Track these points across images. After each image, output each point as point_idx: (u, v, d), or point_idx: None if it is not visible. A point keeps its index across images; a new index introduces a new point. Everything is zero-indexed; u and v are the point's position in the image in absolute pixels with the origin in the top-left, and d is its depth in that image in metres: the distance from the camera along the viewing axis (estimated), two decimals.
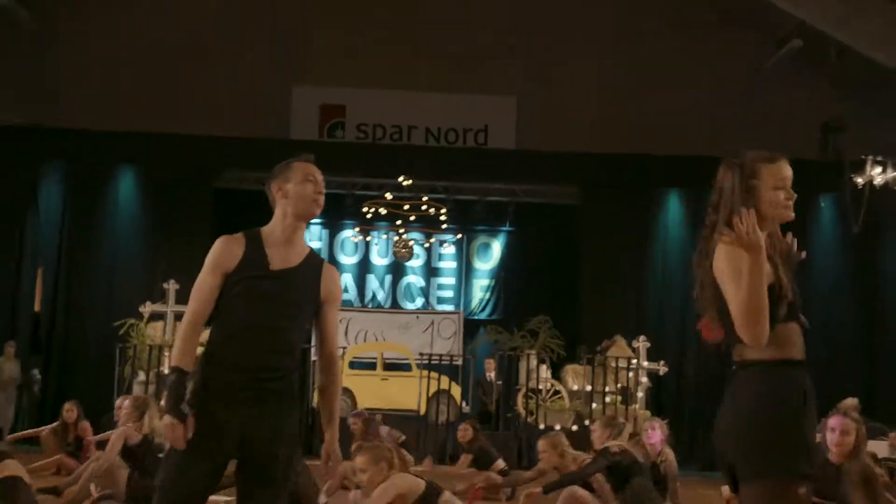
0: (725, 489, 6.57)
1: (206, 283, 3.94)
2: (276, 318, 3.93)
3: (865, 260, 16.47)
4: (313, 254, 4.18)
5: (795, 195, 3.57)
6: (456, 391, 15.89)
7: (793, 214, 3.58)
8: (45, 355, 16.41)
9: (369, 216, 18.26)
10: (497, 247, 19.94)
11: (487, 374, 16.35)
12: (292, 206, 4.08)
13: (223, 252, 3.99)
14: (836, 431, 5.81)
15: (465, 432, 11.41)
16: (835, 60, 15.88)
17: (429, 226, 18.74)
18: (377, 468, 6.43)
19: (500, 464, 10.92)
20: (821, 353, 13.60)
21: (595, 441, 8.30)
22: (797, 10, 16.11)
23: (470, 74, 18.14)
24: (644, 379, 15.71)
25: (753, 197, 3.52)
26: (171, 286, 15.25)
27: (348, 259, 19.56)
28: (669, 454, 9.29)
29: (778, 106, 17.67)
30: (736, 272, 3.37)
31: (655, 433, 9.17)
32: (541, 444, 8.77)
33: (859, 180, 14.69)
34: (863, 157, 14.69)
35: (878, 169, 14.20)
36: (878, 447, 11.69)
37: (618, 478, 7.63)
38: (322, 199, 4.17)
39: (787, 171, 3.63)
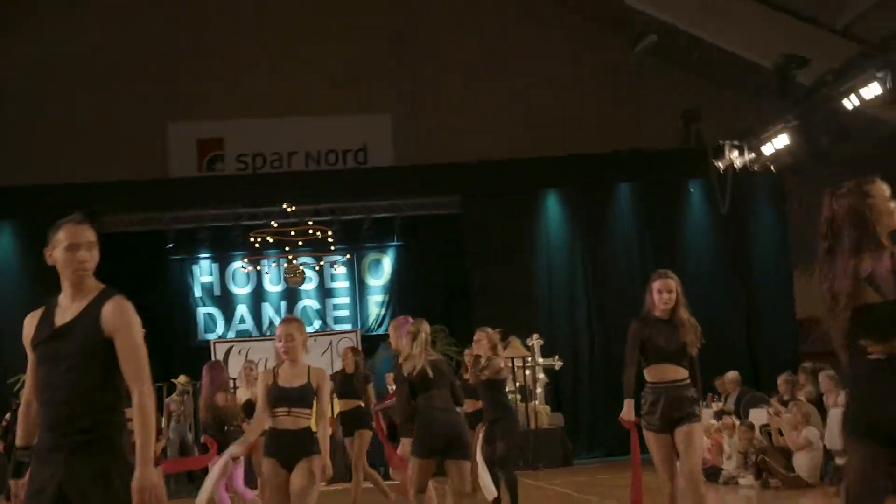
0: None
1: (29, 361, 4.12)
2: (64, 374, 3.93)
3: (736, 238, 17.32)
4: (100, 295, 4.10)
5: None
6: None
7: None
8: None
9: (257, 245, 18.40)
10: (387, 262, 20.35)
11: (390, 388, 16.71)
12: (61, 273, 4.13)
13: (25, 328, 4.16)
14: (661, 292, 6.78)
15: None
16: (690, 54, 16.69)
17: (318, 249, 18.92)
18: None
19: None
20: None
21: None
22: (650, 9, 16.92)
23: (345, 96, 18.43)
24: (541, 375, 16.37)
25: (874, 212, 4.02)
26: None
27: (241, 290, 19.78)
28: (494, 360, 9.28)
29: (640, 99, 18.43)
30: None
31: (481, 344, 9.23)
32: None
33: (720, 164, 15.48)
34: (720, 142, 15.47)
35: (736, 153, 14.98)
36: (760, 415, 12.48)
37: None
38: (88, 264, 4.14)
39: (887, 188, 4.14)
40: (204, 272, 19.70)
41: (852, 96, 12.16)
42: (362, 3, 18.91)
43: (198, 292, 19.61)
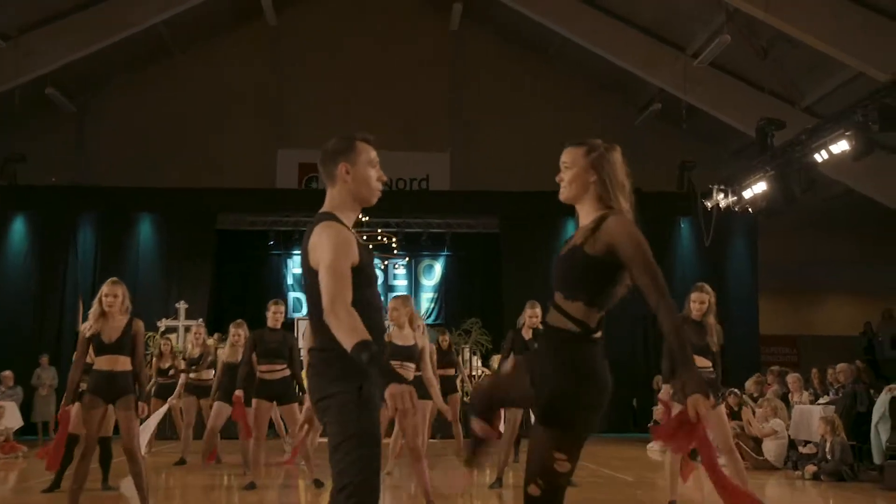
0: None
1: (346, 269, 2.82)
2: (377, 295, 3.07)
3: (715, 265, 16.56)
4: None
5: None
6: None
7: None
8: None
9: None
10: (438, 267, 19.70)
11: None
12: (355, 191, 3.04)
13: (350, 245, 2.89)
14: (695, 301, 6.47)
15: None
16: (685, 117, 16.09)
17: (384, 252, 18.42)
18: None
19: None
20: None
21: None
22: (655, 80, 16.39)
23: (414, 137, 18.13)
24: None
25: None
26: (182, 306, 15.07)
27: None
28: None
29: (646, 152, 17.82)
30: None
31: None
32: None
33: (708, 204, 14.78)
34: (710, 186, 14.78)
35: (721, 195, 14.28)
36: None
37: None
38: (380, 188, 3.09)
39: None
40: (296, 265, 19.09)
41: (823, 151, 11.41)
42: (429, 67, 18.64)
43: (290, 280, 19.04)
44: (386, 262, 18.98)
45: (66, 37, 15.46)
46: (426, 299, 19.59)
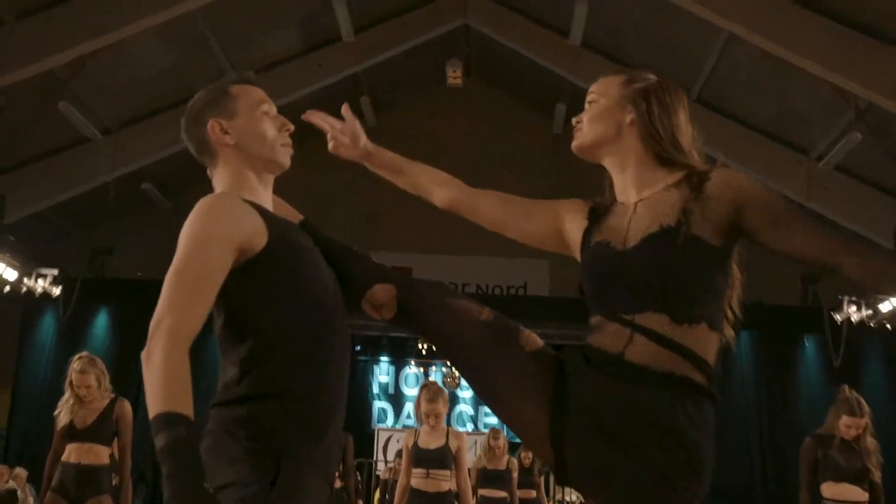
0: None
1: (206, 265, 2.11)
2: None
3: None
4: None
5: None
6: None
7: None
8: None
9: (424, 353, 17.15)
10: None
11: None
12: (250, 154, 2.15)
13: (241, 214, 2.19)
14: (850, 428, 5.54)
15: None
16: None
17: None
18: None
19: None
20: None
21: None
22: (775, 185, 15.15)
23: (512, 243, 17.06)
24: None
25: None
26: None
27: (411, 390, 17.97)
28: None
29: (765, 264, 16.42)
30: None
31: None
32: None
33: (838, 318, 13.29)
34: (839, 297, 13.32)
35: (853, 308, 12.81)
36: None
37: None
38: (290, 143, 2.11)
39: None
40: (382, 372, 18.22)
41: None
42: (529, 171, 18.01)
43: (375, 389, 18.09)
44: None
45: (162, 132, 15.57)
46: None
